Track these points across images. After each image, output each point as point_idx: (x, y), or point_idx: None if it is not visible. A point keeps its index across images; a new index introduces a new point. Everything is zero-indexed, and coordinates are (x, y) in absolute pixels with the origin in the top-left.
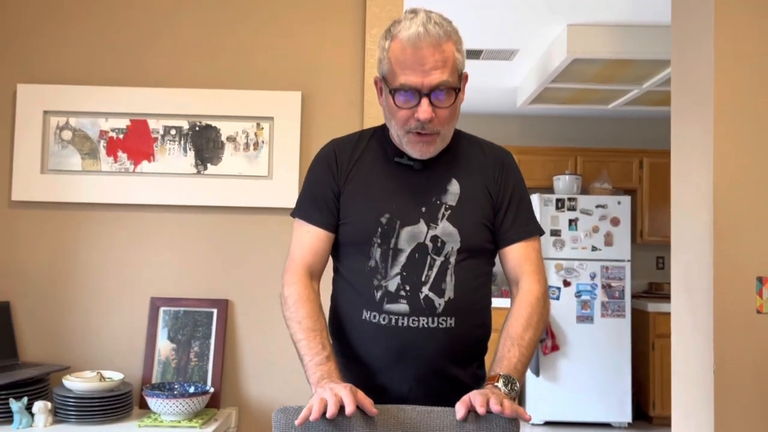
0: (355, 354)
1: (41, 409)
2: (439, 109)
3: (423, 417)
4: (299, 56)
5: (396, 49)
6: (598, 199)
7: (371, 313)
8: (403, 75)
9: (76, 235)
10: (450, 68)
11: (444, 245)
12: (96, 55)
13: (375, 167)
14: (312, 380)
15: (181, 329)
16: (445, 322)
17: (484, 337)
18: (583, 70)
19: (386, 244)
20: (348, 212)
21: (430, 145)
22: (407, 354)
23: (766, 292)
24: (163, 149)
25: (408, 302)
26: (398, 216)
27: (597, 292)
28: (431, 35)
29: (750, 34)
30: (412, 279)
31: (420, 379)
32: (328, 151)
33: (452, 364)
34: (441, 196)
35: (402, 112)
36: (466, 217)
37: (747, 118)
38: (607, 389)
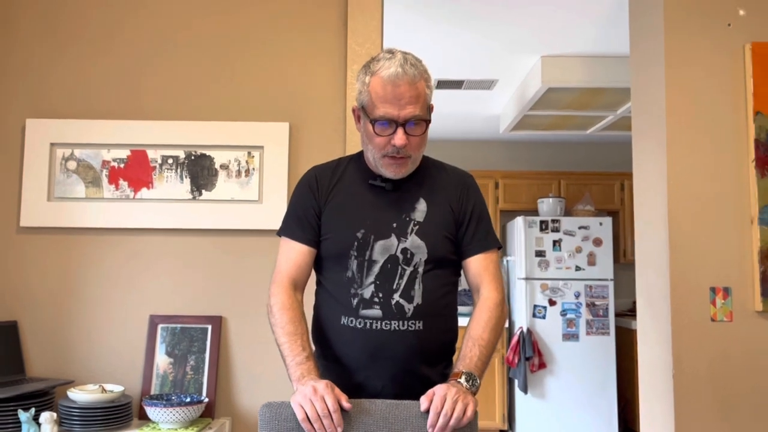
0: (334, 356)
1: (48, 419)
2: (412, 137)
3: (392, 409)
4: (287, 90)
5: (376, 85)
6: (581, 220)
7: (348, 318)
8: (383, 108)
9: (80, 258)
10: (421, 103)
11: (413, 256)
12: (98, 91)
13: (352, 189)
14: (293, 378)
15: (178, 344)
16: (414, 325)
17: (451, 340)
18: (558, 98)
19: (362, 256)
20: (328, 228)
21: (402, 167)
22: (381, 354)
23: (719, 302)
24: (161, 177)
25: (381, 308)
26: (372, 231)
27: (582, 311)
28: (408, 75)
29: (697, 62)
30: (385, 287)
31: (392, 378)
32: (310, 176)
33: (422, 364)
34: (410, 213)
35: (379, 139)
36: (432, 231)
37: (697, 141)
38: (594, 405)
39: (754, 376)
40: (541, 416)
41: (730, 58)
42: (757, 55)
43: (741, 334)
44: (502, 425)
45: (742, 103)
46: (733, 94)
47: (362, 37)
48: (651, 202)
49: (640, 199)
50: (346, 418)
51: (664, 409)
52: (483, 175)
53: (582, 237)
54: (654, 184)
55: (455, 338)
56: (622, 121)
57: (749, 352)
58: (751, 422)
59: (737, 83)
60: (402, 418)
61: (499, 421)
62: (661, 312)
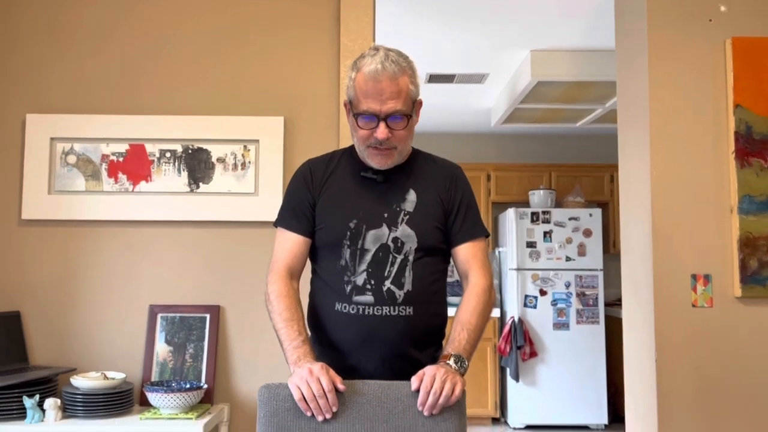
0: (329, 340)
1: (52, 406)
2: (395, 130)
3: (384, 389)
4: (281, 85)
5: (360, 80)
6: (571, 212)
7: (342, 305)
8: (365, 102)
9: (81, 250)
10: (404, 98)
11: (403, 245)
12: (97, 86)
13: (345, 181)
14: (290, 361)
15: (177, 333)
16: (405, 310)
17: (440, 324)
18: (547, 92)
19: (354, 245)
20: (322, 219)
21: (387, 158)
22: (373, 338)
23: (700, 288)
24: (159, 170)
25: (373, 294)
26: (364, 221)
27: (572, 301)
28: (388, 71)
29: (679, 56)
30: (377, 274)
31: (384, 360)
32: (305, 169)
33: (412, 347)
34: (400, 203)
35: (363, 132)
36: (422, 221)
37: (679, 133)
38: (584, 393)
39: (732, 360)
40: (532, 404)
41: (712, 53)
42: (738, 49)
43: (721, 319)
44: (494, 413)
45: (722, 96)
46: (715, 88)
47: (355, 34)
48: (636, 193)
49: (626, 190)
50: (340, 399)
51: (648, 392)
52: (475, 168)
53: (572, 228)
54: (638, 176)
55: (444, 323)
56: (610, 114)
57: (728, 337)
58: (729, 404)
59: (718, 77)
60: (394, 398)
61: (491, 408)
62: (645, 299)
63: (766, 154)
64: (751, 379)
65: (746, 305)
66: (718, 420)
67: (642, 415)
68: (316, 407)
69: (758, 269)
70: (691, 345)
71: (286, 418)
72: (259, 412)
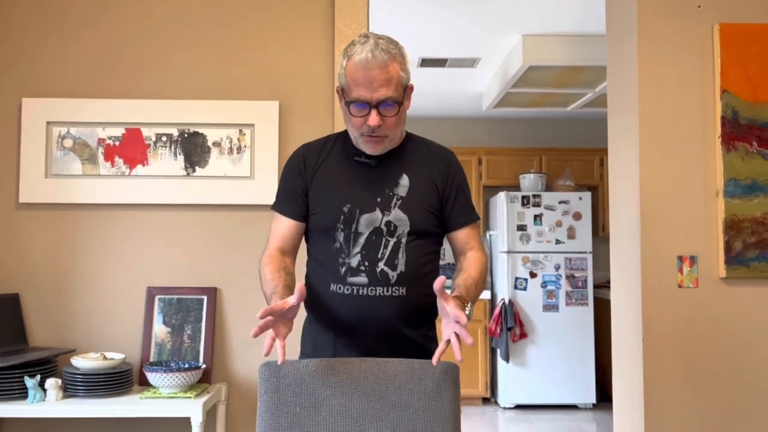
0: (326, 320)
1: (53, 385)
2: (386, 117)
3: (380, 366)
4: (277, 70)
5: (351, 69)
6: (562, 195)
7: (337, 285)
8: (357, 90)
9: (78, 233)
10: (394, 85)
11: (396, 228)
12: (93, 70)
13: (338, 165)
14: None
15: (175, 314)
16: (398, 290)
17: (432, 304)
18: (539, 76)
19: (348, 229)
20: (316, 204)
21: (379, 144)
22: (367, 317)
23: (686, 269)
24: (155, 154)
25: (367, 275)
26: (358, 205)
27: (561, 283)
28: (378, 59)
29: (668, 42)
30: (370, 256)
31: (378, 339)
32: (299, 154)
33: (405, 326)
34: (393, 188)
35: (356, 119)
36: (415, 205)
37: (667, 117)
38: (573, 373)
39: (716, 339)
40: (522, 384)
41: (700, 39)
42: (725, 35)
43: (705, 299)
44: (485, 393)
45: (710, 81)
46: (702, 73)
47: (349, 18)
48: (624, 177)
49: (615, 174)
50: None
51: (634, 371)
52: (466, 152)
53: (562, 211)
54: (627, 159)
55: (435, 304)
56: (600, 98)
57: (713, 316)
58: (714, 381)
59: (706, 62)
60: (390, 375)
61: (482, 389)
62: (632, 280)
63: (752, 138)
64: (734, 357)
65: (730, 286)
66: (703, 397)
67: (629, 394)
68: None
69: (742, 251)
70: (677, 325)
71: (287, 395)
72: (260, 389)
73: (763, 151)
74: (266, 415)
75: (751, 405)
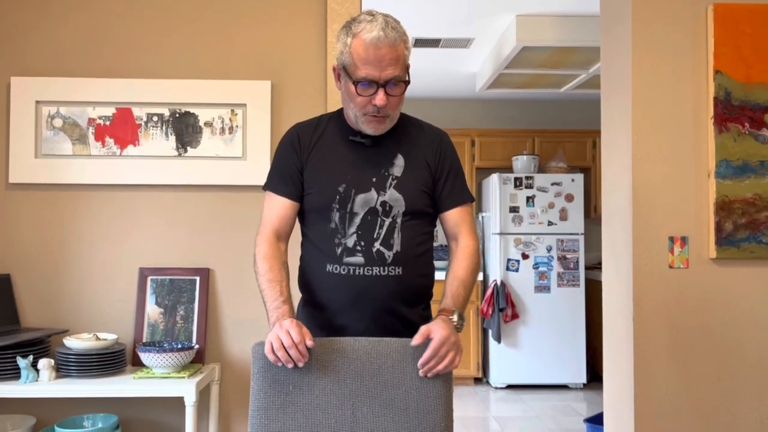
0: (320, 301)
1: (46, 366)
2: (391, 97)
3: (373, 345)
4: (268, 49)
5: (358, 47)
6: (554, 177)
7: (333, 266)
8: (365, 69)
9: (70, 213)
10: (401, 64)
11: (391, 209)
12: (83, 49)
13: (333, 145)
14: (271, 320)
15: (168, 295)
16: (394, 270)
17: (428, 284)
18: (532, 57)
19: (344, 209)
20: (311, 183)
21: (381, 124)
22: (363, 297)
23: (677, 250)
24: (146, 134)
25: (363, 255)
26: (353, 185)
27: (553, 264)
28: (389, 38)
29: (662, 22)
30: (366, 236)
31: (374, 318)
32: (293, 133)
33: (401, 304)
34: (389, 168)
35: (361, 99)
36: (410, 185)
37: (660, 98)
38: (564, 353)
39: (706, 318)
40: (513, 364)
41: (694, 19)
42: (719, 15)
43: (696, 279)
44: (477, 373)
45: (703, 62)
46: (696, 54)
47: None
48: (617, 158)
49: (608, 155)
50: (332, 353)
51: (625, 350)
52: (459, 134)
53: (555, 193)
54: (620, 140)
55: (431, 283)
56: (593, 79)
57: (703, 296)
58: (702, 360)
59: (700, 43)
60: (383, 354)
61: (474, 369)
62: (624, 260)
63: (744, 119)
64: (723, 337)
65: (720, 266)
66: (692, 375)
67: (619, 373)
68: (285, 357)
69: (733, 232)
70: (667, 304)
71: (279, 373)
72: (253, 368)
73: (755, 132)
74: (259, 394)
75: (739, 383)
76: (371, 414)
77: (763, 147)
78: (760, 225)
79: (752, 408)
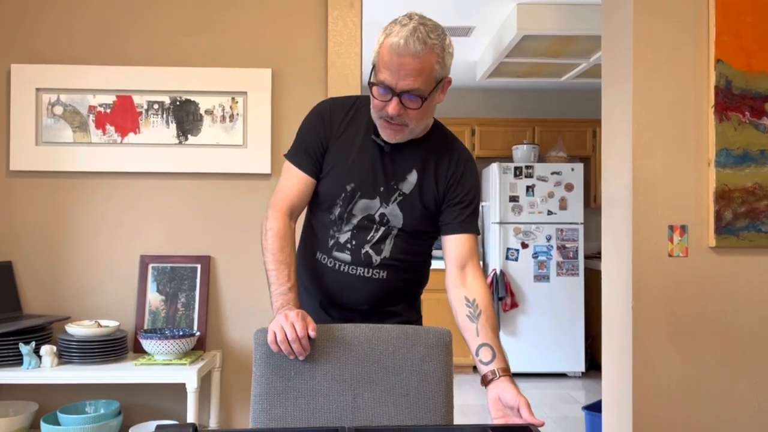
0: (310, 284)
1: (48, 352)
2: (409, 108)
3: (375, 332)
4: (269, 36)
5: (384, 49)
6: (554, 166)
7: (322, 256)
8: (383, 73)
9: (71, 201)
10: (424, 78)
11: (389, 222)
12: (83, 36)
13: (357, 137)
14: (274, 306)
15: (169, 283)
16: (378, 274)
17: (414, 289)
18: (533, 46)
19: (344, 207)
20: (326, 170)
21: (397, 133)
22: (345, 292)
23: (676, 239)
24: (147, 122)
25: (351, 254)
26: (360, 188)
27: (552, 253)
28: (411, 48)
29: (663, 10)
30: (359, 237)
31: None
32: (325, 107)
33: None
34: (399, 182)
35: (377, 102)
36: (414, 206)
37: (661, 87)
38: (563, 342)
39: (705, 307)
40: (512, 353)
41: (695, 7)
42: (720, 4)
43: (695, 268)
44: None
45: (704, 50)
46: (696, 42)
47: None
48: (618, 146)
49: (608, 144)
50: (333, 339)
51: (624, 338)
52: (459, 123)
53: (554, 182)
54: (621, 128)
55: (418, 290)
56: (594, 68)
57: (702, 285)
58: (701, 349)
59: (701, 32)
60: (384, 340)
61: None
62: (623, 249)
63: (745, 108)
64: (722, 325)
65: (719, 255)
66: (690, 363)
67: (618, 361)
68: (287, 349)
69: (732, 220)
70: (667, 292)
71: (281, 360)
72: (255, 354)
73: (756, 121)
74: (261, 380)
75: (737, 370)
76: (372, 399)
77: (763, 136)
78: (760, 214)
79: (750, 394)
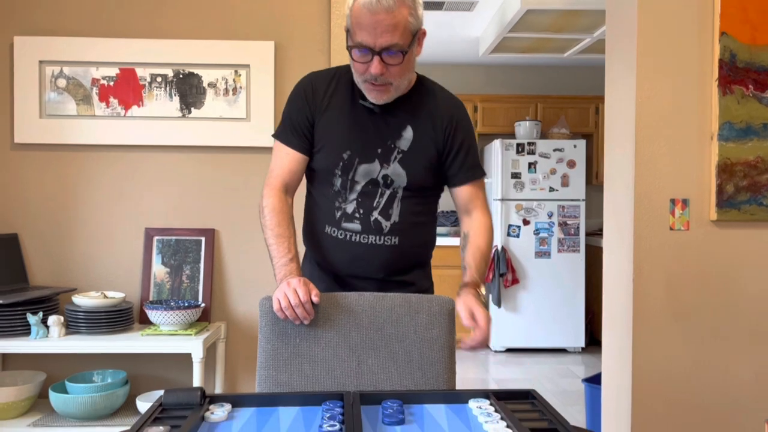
0: (320, 257)
1: (55, 322)
2: (390, 65)
3: (378, 300)
4: (272, 9)
5: (356, 11)
6: (556, 143)
7: (331, 228)
8: (360, 35)
9: (75, 173)
10: (401, 32)
11: (393, 182)
12: (86, 8)
13: (344, 106)
14: (277, 277)
15: (174, 255)
16: (390, 240)
17: (425, 253)
18: (536, 21)
19: (345, 176)
20: (318, 143)
21: (383, 93)
22: (358, 263)
23: (678, 212)
24: (150, 95)
25: (360, 223)
26: (358, 154)
27: (554, 230)
28: (383, 4)
29: None
30: (366, 204)
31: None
32: (306, 83)
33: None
34: (396, 140)
35: (358, 65)
36: (415, 161)
37: (664, 60)
38: (563, 318)
39: (706, 280)
40: (513, 329)
41: None
42: None
43: (696, 241)
44: None
45: (709, 23)
46: (701, 15)
47: None
48: (620, 121)
49: (611, 118)
50: (338, 307)
51: (624, 312)
52: (462, 99)
53: (557, 159)
54: (624, 102)
55: (430, 251)
56: (598, 44)
57: (703, 258)
58: (701, 321)
59: (705, 4)
60: (387, 308)
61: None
62: (625, 223)
63: (748, 81)
64: (721, 298)
65: (721, 228)
66: (690, 336)
67: (618, 335)
68: (292, 314)
69: (734, 194)
70: (667, 266)
71: (286, 326)
72: (260, 321)
73: (759, 94)
74: (267, 347)
75: (735, 342)
76: (376, 366)
77: (766, 110)
78: (762, 187)
79: (748, 366)
